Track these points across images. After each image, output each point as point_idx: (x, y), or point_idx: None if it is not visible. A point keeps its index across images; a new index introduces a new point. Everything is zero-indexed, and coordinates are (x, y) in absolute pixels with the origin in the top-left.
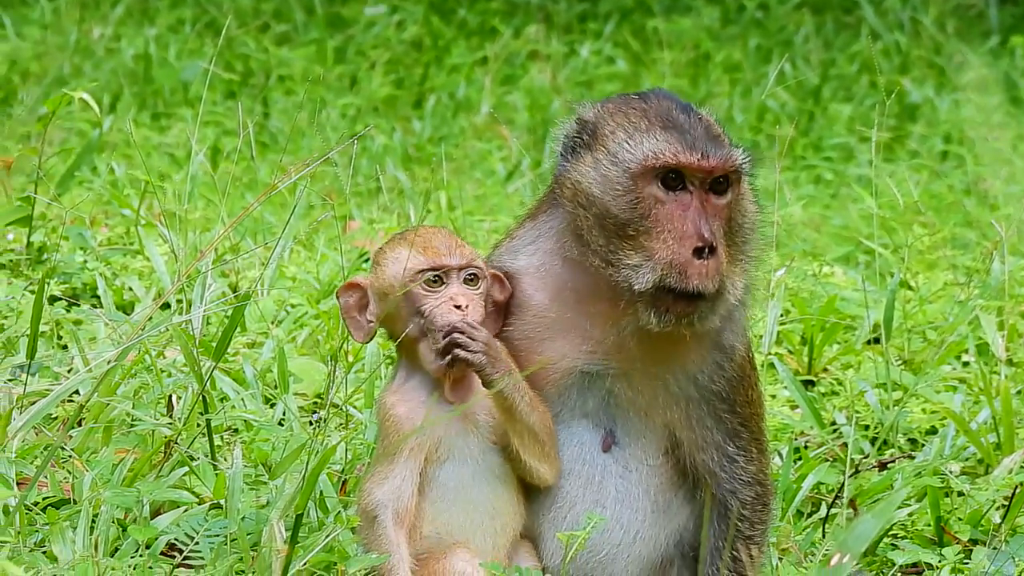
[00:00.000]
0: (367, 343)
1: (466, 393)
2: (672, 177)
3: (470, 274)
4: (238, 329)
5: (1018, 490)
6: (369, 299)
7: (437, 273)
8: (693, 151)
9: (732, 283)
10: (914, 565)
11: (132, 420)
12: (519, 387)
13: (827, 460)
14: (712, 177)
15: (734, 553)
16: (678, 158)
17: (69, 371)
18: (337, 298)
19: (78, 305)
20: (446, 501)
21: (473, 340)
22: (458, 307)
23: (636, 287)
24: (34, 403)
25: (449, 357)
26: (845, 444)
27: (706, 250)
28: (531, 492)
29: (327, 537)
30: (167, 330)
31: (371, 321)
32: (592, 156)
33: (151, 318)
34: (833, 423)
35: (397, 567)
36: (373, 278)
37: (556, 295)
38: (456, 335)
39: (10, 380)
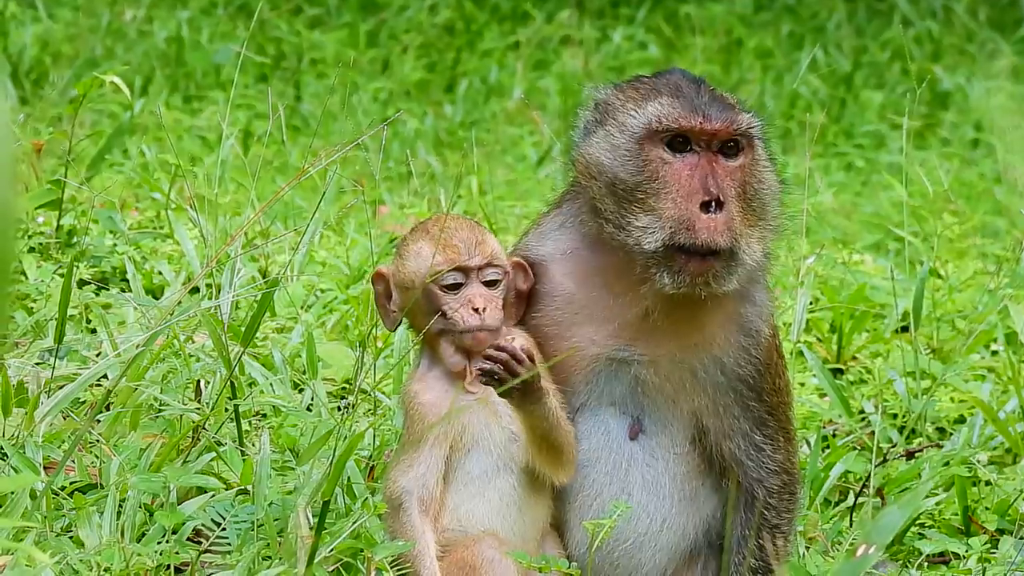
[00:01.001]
0: (394, 331)
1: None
2: (679, 141)
3: (490, 275)
4: (267, 314)
5: None
6: (392, 289)
7: (456, 275)
8: (696, 113)
9: (748, 244)
10: (941, 554)
11: (160, 405)
12: (549, 408)
13: (855, 449)
14: (718, 139)
15: (760, 542)
16: (680, 121)
17: (97, 355)
18: (371, 284)
19: (107, 289)
20: (471, 491)
21: (512, 374)
22: (476, 309)
23: (647, 247)
24: (62, 387)
25: (489, 380)
26: (873, 433)
27: (713, 204)
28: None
29: (354, 524)
30: (196, 315)
31: (395, 311)
32: (604, 130)
33: (180, 303)
34: (861, 411)
35: (423, 554)
36: (395, 270)
37: (583, 280)
38: (495, 367)
39: (39, 364)
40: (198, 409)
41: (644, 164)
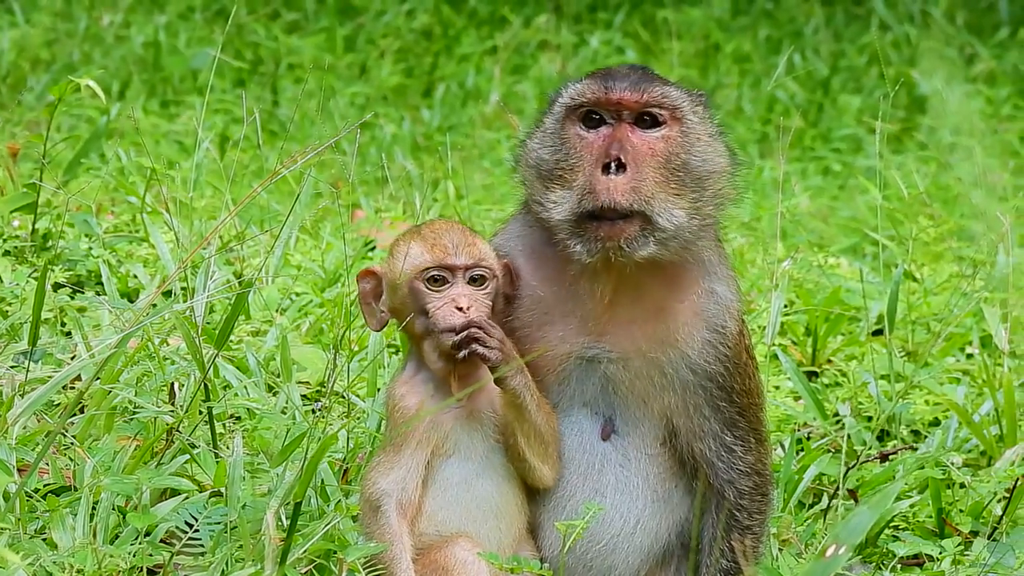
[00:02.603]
0: (379, 331)
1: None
2: (594, 117)
3: (477, 274)
4: (242, 317)
5: (1020, 482)
6: (383, 288)
7: (442, 272)
8: (605, 88)
9: (665, 208)
10: (915, 557)
11: (134, 408)
12: (529, 386)
13: (829, 451)
14: (628, 111)
15: (730, 543)
16: (587, 95)
17: (72, 358)
18: (357, 282)
19: (82, 292)
20: (449, 497)
21: (490, 337)
22: (460, 308)
23: (557, 218)
24: (36, 390)
25: (464, 352)
26: (848, 436)
27: (613, 165)
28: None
29: (327, 525)
30: (170, 318)
31: (383, 311)
32: (543, 121)
33: (154, 305)
34: (836, 414)
35: (399, 557)
36: (387, 268)
37: (547, 278)
38: (474, 330)
39: (13, 367)
40: (172, 412)
41: (563, 142)
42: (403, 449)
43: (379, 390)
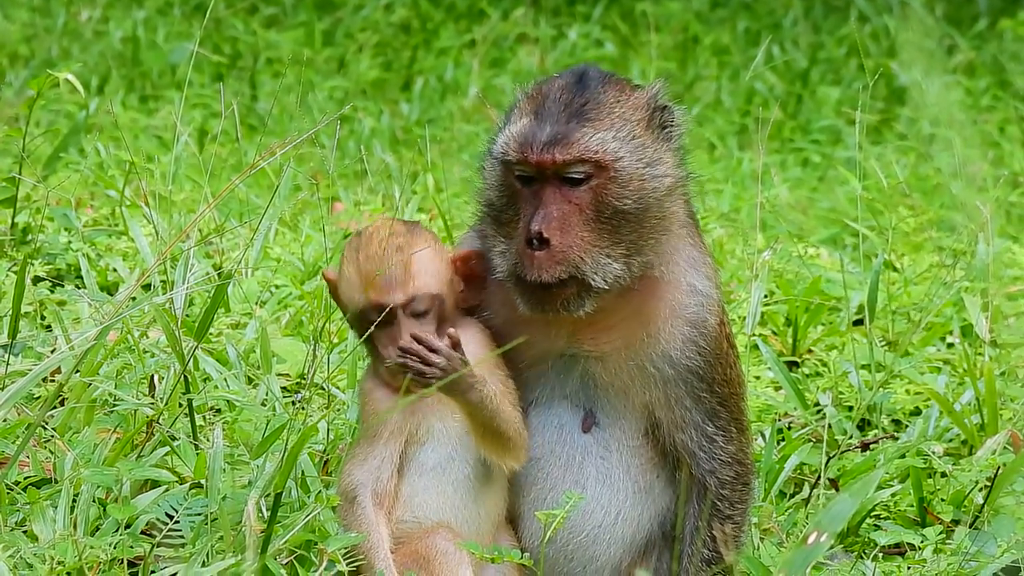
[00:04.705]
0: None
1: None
2: (525, 172)
3: (416, 309)
4: (222, 310)
5: (1000, 471)
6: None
7: (379, 311)
8: (527, 146)
9: (597, 267)
10: (896, 546)
11: (114, 400)
12: (483, 393)
13: (810, 441)
14: (554, 171)
15: (712, 533)
16: (513, 155)
17: (52, 351)
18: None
19: (62, 286)
20: (425, 482)
21: (428, 365)
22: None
23: (499, 275)
24: (15, 382)
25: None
26: (829, 425)
27: (534, 242)
28: (512, 474)
29: (308, 516)
30: (149, 310)
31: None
32: (496, 139)
33: (134, 298)
34: (817, 404)
35: (376, 547)
36: (336, 280)
37: None
38: (410, 361)
39: None
40: (152, 404)
41: (504, 190)
42: (376, 440)
43: (359, 382)
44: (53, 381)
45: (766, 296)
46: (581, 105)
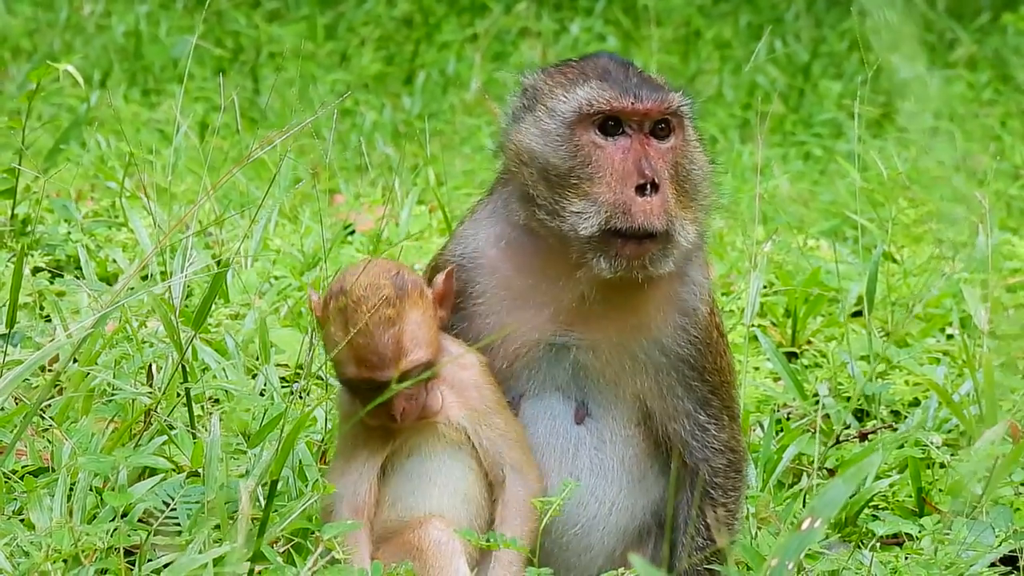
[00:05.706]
0: None
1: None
2: (611, 124)
3: (409, 376)
4: (221, 301)
5: (999, 462)
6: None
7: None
8: (626, 95)
9: (683, 226)
10: (894, 536)
11: (112, 389)
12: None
13: (809, 431)
14: (650, 120)
15: (706, 521)
16: (611, 103)
17: (51, 341)
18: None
19: (61, 277)
20: (412, 486)
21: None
22: (393, 417)
23: (583, 232)
24: (13, 371)
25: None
26: (828, 416)
27: (648, 187)
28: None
29: (304, 504)
30: (147, 300)
31: None
32: (532, 116)
33: (132, 287)
34: (815, 395)
35: (353, 551)
36: (322, 318)
37: (519, 266)
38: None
39: None
40: (150, 393)
41: (576, 149)
42: (355, 454)
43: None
44: (51, 370)
45: (765, 287)
46: (639, 72)
